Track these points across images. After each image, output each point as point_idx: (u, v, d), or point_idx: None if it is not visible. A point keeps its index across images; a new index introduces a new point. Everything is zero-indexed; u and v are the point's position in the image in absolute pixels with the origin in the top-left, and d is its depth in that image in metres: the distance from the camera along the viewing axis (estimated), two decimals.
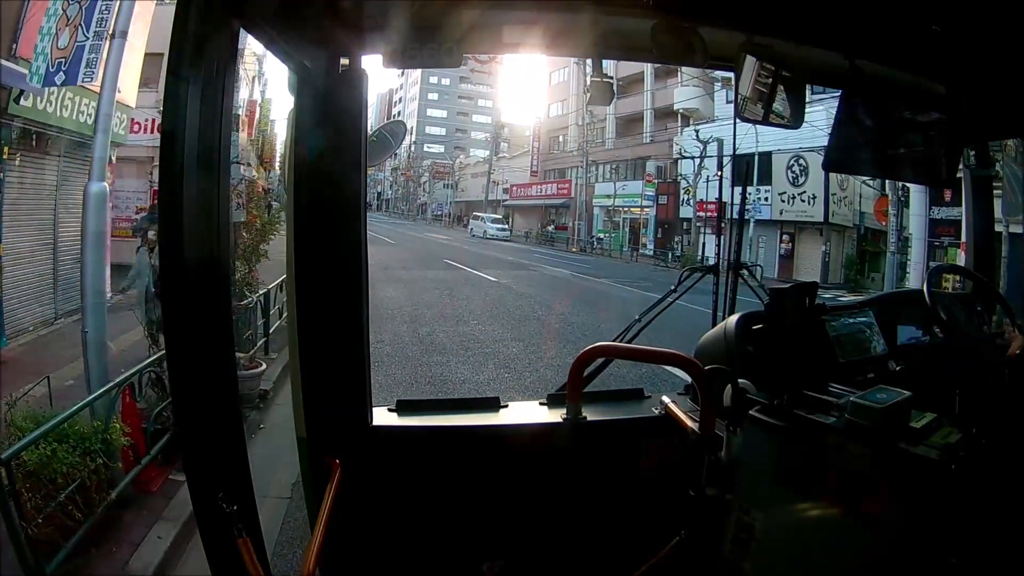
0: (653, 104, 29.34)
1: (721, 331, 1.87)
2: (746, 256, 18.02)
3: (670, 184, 26.97)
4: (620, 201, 29.48)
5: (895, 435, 1.10)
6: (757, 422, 1.25)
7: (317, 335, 1.53)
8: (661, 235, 27.49)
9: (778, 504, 1.21)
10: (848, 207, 20.70)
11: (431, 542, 1.66)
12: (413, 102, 63.70)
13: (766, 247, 21.91)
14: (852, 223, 20.72)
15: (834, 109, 1.80)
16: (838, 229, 20.88)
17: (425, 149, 58.45)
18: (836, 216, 20.63)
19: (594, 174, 31.81)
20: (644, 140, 29.62)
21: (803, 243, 21.82)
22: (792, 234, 21.88)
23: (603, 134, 32.08)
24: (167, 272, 0.96)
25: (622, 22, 1.61)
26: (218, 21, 0.96)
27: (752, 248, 20.56)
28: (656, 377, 5.68)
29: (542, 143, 38.28)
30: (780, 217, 21.62)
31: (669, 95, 27.90)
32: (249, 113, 16.47)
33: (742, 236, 2.61)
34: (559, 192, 35.06)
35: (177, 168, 0.91)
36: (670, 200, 26.79)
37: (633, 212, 29.21)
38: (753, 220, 20.30)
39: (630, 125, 30.72)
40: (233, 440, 1.09)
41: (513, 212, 40.16)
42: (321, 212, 1.50)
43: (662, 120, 28.99)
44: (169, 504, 3.59)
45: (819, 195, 20.50)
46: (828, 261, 20.69)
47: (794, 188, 21.05)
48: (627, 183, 29.48)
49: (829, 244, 20.85)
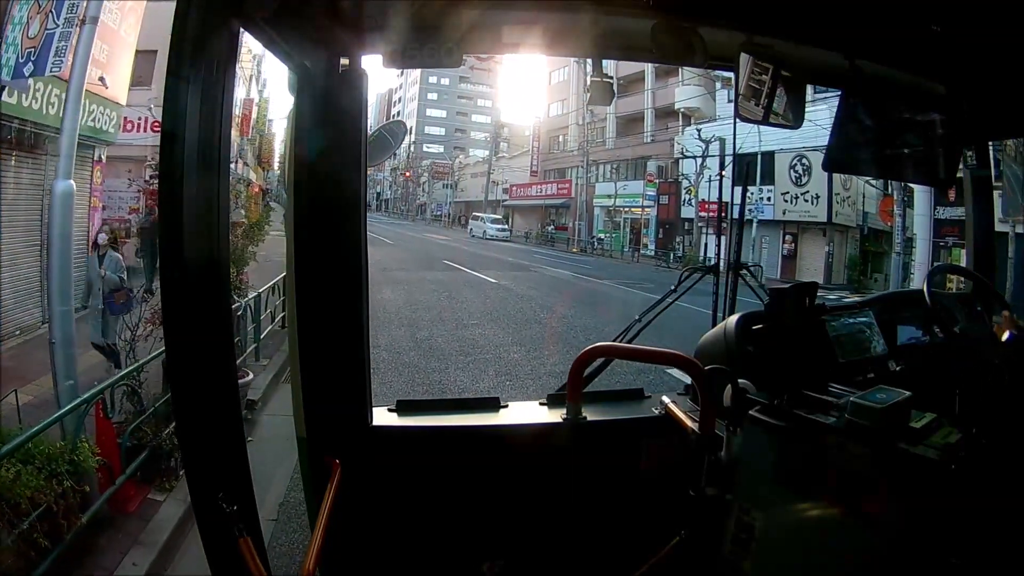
0: (654, 103, 29.21)
1: (721, 331, 1.87)
2: (748, 257, 17.81)
3: (671, 184, 26.79)
4: (621, 201, 29.39)
5: (895, 435, 1.10)
6: (757, 422, 1.25)
7: (317, 335, 1.53)
8: (662, 235, 27.31)
9: (778, 504, 1.21)
10: (851, 207, 20.50)
11: (431, 542, 1.66)
12: (412, 102, 63.42)
13: (769, 247, 21.73)
14: (855, 223, 20.54)
15: (836, 108, 1.81)
16: (841, 229, 20.66)
17: (424, 149, 58.13)
18: (839, 216, 20.42)
19: (595, 174, 31.66)
20: (645, 140, 29.49)
21: (806, 243, 21.61)
22: (795, 234, 21.66)
23: (603, 134, 31.92)
24: (167, 272, 0.96)
25: (622, 22, 1.61)
26: (218, 21, 0.96)
27: (755, 248, 20.53)
28: (656, 377, 5.68)
29: (542, 143, 38.06)
30: (783, 217, 21.37)
31: (670, 94, 27.78)
32: (245, 112, 16.41)
33: (742, 236, 2.61)
34: (559, 192, 34.86)
35: (177, 168, 0.91)
36: (671, 200, 26.69)
37: (634, 212, 29.11)
38: (756, 220, 20.24)
39: (630, 125, 30.60)
40: (233, 440, 1.09)
41: (513, 212, 39.92)
42: (321, 212, 1.50)
43: (663, 119, 28.83)
44: (147, 527, 3.33)
45: (823, 195, 20.25)
46: (831, 262, 20.55)
47: (797, 188, 20.81)
48: (628, 183, 29.37)
49: (832, 244, 20.66)
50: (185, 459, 1.04)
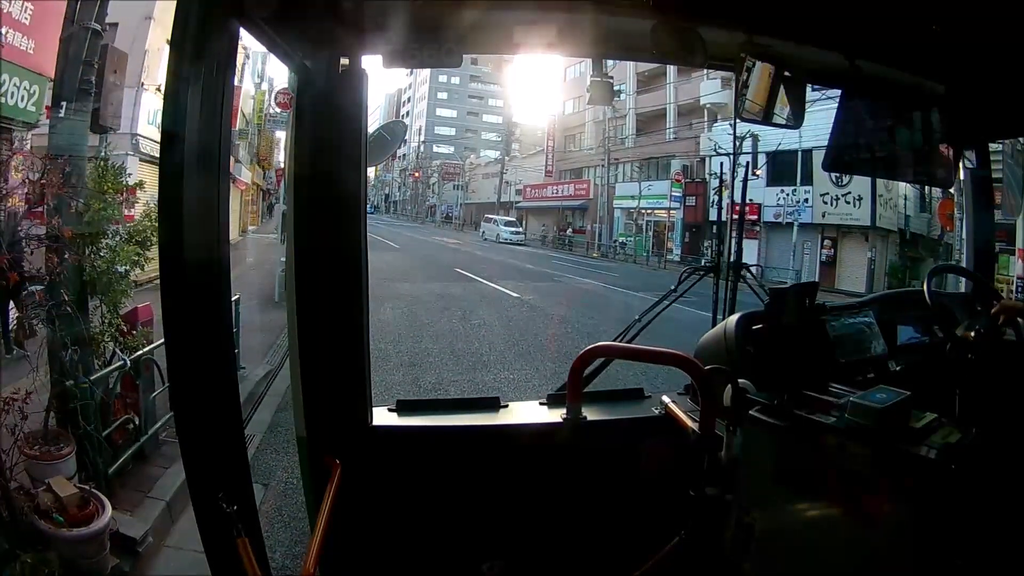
0: (676, 99, 26.91)
1: (721, 331, 1.87)
2: (789, 264, 15.74)
3: (698, 184, 24.09)
4: (645, 203, 26.78)
5: (895, 435, 1.10)
6: (757, 422, 1.25)
7: (317, 334, 1.53)
8: (688, 239, 24.53)
9: (778, 504, 1.21)
10: (892, 209, 18.43)
11: (431, 542, 1.66)
12: (422, 102, 61.71)
13: (811, 254, 19.65)
14: (896, 227, 18.40)
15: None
16: (882, 234, 18.56)
17: (435, 149, 56.72)
18: (882, 219, 18.31)
19: (614, 174, 29.56)
20: (668, 138, 27.29)
21: (845, 249, 19.42)
22: (834, 239, 19.44)
23: (623, 132, 29.87)
24: (167, 272, 0.96)
25: (622, 22, 1.61)
26: (218, 21, 0.96)
27: (796, 254, 19.15)
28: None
29: (557, 141, 35.89)
30: (822, 220, 19.30)
31: (694, 89, 24.95)
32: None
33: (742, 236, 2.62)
34: (577, 193, 32.40)
35: (177, 168, 0.92)
36: (698, 201, 24.07)
37: (658, 214, 26.53)
38: (797, 224, 18.99)
39: (651, 122, 28.71)
40: (233, 440, 1.10)
41: (526, 214, 37.69)
42: (321, 211, 1.50)
43: (686, 116, 26.84)
44: None
45: (865, 196, 18.08)
46: (874, 268, 18.36)
47: (838, 188, 18.58)
48: (652, 183, 26.64)
49: (875, 250, 18.47)
50: (185, 459, 1.04)
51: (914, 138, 1.94)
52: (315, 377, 1.53)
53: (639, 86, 28.36)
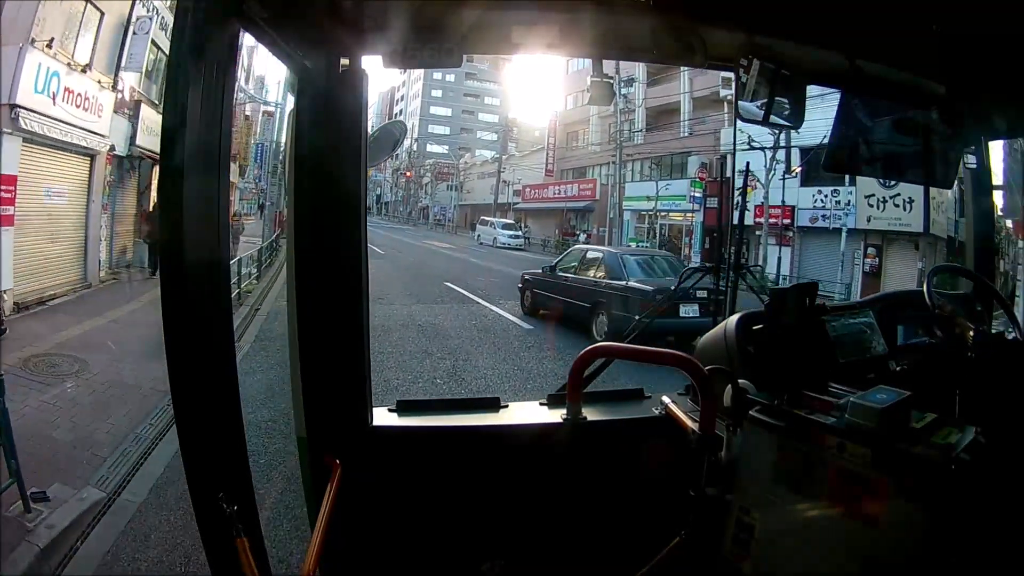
0: (692, 90, 24.31)
1: (721, 331, 1.87)
2: (836, 276, 14.27)
3: (720, 184, 21.49)
4: (661, 204, 24.11)
5: (895, 435, 1.10)
6: (757, 422, 1.25)
7: (317, 334, 1.53)
8: (708, 245, 21.84)
9: (778, 504, 1.21)
10: (943, 214, 16.03)
11: (431, 542, 1.66)
12: (415, 100, 60.80)
13: (858, 263, 17.57)
14: (946, 234, 15.94)
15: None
16: (931, 241, 16.26)
17: (428, 149, 55.47)
18: (935, 225, 16.00)
19: (623, 173, 26.56)
20: (681, 133, 24.53)
21: (891, 258, 17.27)
22: (879, 246, 17.24)
23: (633, 126, 26.94)
24: (167, 272, 0.96)
25: (622, 22, 1.61)
26: (218, 21, 0.96)
27: (845, 265, 17.08)
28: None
29: (558, 139, 33.18)
30: (868, 225, 17.16)
31: (711, 80, 22.12)
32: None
33: (742, 236, 2.62)
34: (581, 193, 29.83)
35: (177, 168, 0.92)
36: (721, 203, 21.18)
37: (672, 217, 24.03)
38: (845, 229, 17.09)
39: (662, 116, 25.83)
40: (233, 440, 1.10)
41: (525, 216, 34.75)
42: (321, 212, 1.51)
43: (701, 110, 23.88)
44: None
45: (917, 198, 15.77)
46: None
47: (885, 190, 16.47)
48: (671, 183, 23.88)
49: (926, 260, 15.77)
50: (185, 459, 1.04)
51: (914, 138, 1.94)
52: (315, 377, 1.53)
53: (650, 79, 26.03)
